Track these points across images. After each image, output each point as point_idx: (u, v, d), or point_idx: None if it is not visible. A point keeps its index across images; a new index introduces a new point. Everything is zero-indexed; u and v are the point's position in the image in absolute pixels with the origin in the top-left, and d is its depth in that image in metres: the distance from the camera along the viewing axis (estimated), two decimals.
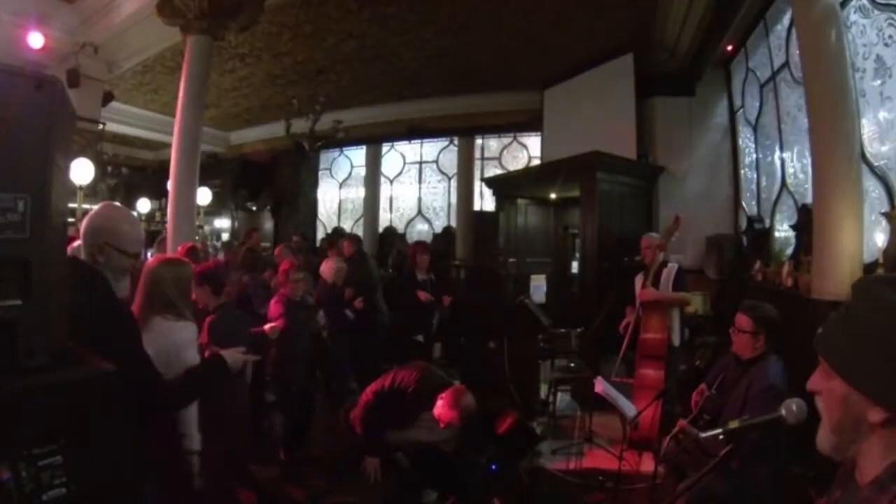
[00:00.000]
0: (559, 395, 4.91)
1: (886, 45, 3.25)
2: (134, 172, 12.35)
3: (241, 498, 2.67)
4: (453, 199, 10.72)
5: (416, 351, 4.96)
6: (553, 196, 7.93)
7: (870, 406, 0.77)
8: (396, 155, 11.53)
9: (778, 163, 5.20)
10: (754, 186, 6.08)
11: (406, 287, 5.10)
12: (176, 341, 1.98)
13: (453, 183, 10.77)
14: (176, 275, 2.11)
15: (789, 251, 4.59)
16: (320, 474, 3.38)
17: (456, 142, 10.59)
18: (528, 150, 10.17)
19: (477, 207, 10.01)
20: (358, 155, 11.94)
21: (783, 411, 1.27)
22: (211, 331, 2.77)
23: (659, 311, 3.98)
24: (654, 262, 4.05)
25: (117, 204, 2.01)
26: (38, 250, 1.01)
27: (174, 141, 5.90)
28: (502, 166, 10.29)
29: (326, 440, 3.85)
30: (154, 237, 6.97)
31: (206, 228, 11.70)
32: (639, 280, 4.23)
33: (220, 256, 7.29)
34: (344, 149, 11.90)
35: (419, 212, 11.33)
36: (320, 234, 12.03)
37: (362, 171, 11.80)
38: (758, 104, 5.76)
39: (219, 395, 2.30)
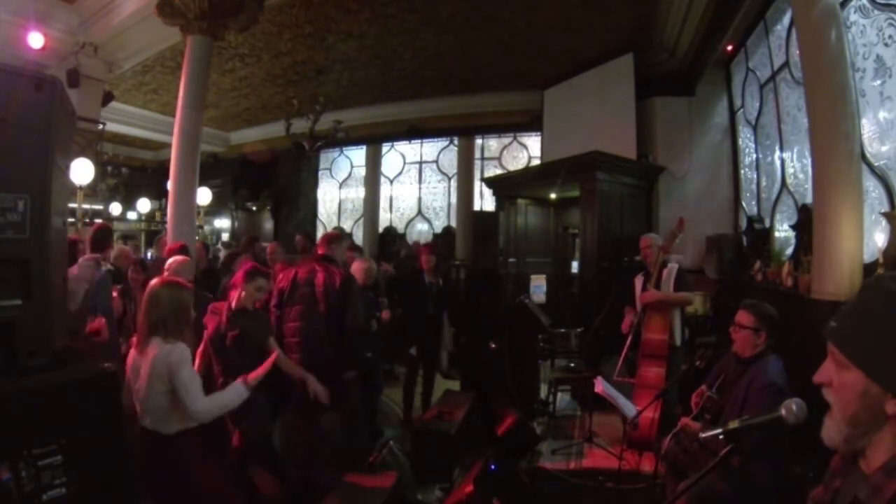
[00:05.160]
0: (559, 395, 4.91)
1: (886, 45, 3.24)
2: (134, 172, 12.38)
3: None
4: (453, 199, 10.73)
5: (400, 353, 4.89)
6: (553, 196, 7.92)
7: (888, 398, 0.78)
8: (396, 155, 11.54)
9: (778, 163, 5.19)
10: (754, 186, 6.08)
11: (411, 289, 4.82)
12: (170, 362, 2.05)
13: (453, 183, 10.77)
14: (173, 296, 2.16)
15: (789, 251, 4.59)
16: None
17: (456, 142, 10.59)
18: (528, 150, 10.17)
19: (477, 207, 10.00)
20: (358, 155, 11.95)
21: (783, 411, 1.26)
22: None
23: (662, 311, 3.99)
24: (657, 263, 4.05)
25: None
26: (38, 250, 1.00)
27: (174, 141, 5.89)
28: (502, 166, 10.29)
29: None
30: (154, 237, 6.96)
31: (206, 228, 11.72)
32: (638, 281, 4.22)
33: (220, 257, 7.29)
34: (344, 149, 11.91)
35: (419, 212, 11.32)
36: (320, 235, 12.02)
37: (362, 171, 11.80)
38: (758, 104, 5.75)
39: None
